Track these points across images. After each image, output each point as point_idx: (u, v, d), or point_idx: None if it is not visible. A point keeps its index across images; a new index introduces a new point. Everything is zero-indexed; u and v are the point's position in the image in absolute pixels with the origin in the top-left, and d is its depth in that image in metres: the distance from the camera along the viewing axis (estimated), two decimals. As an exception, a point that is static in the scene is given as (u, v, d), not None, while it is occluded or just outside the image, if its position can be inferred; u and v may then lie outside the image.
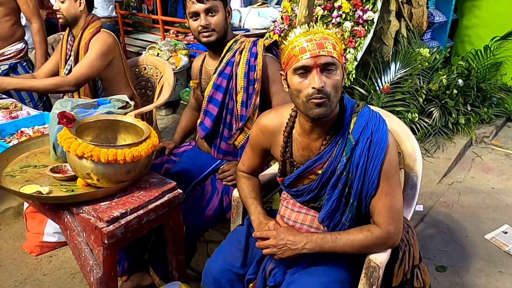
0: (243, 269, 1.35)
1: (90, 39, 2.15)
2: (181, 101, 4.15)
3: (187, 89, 4.13)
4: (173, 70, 2.73)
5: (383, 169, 1.14)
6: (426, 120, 3.25)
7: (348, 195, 1.19)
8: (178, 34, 4.82)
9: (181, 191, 1.45)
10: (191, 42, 4.50)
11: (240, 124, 1.65)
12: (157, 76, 2.73)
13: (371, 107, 1.32)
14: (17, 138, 1.68)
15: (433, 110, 3.32)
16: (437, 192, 2.75)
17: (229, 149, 1.76)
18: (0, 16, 2.44)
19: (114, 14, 4.33)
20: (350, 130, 1.16)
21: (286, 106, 1.32)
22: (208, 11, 1.60)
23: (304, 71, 1.08)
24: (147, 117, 2.57)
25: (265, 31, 4.67)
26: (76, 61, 2.20)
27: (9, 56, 2.55)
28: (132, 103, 1.62)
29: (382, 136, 1.14)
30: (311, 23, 1.10)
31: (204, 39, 1.64)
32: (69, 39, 2.28)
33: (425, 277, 1.29)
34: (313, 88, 1.06)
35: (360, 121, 1.16)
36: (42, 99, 2.66)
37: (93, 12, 2.27)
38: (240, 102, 1.64)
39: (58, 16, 2.16)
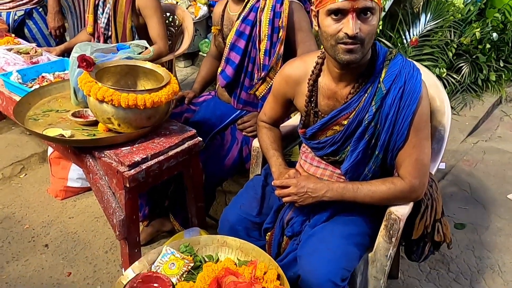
0: (259, 218, 1.36)
1: None
2: (200, 53, 4.06)
3: (206, 40, 4.03)
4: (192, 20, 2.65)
5: (414, 120, 1.09)
6: (454, 76, 3.11)
7: (374, 146, 1.16)
8: (197, -19, 4.63)
9: (201, 139, 1.45)
10: (210, -9, 4.33)
11: (262, 74, 1.60)
12: (176, 24, 2.66)
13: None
14: (38, 83, 1.68)
15: (463, 66, 3.17)
16: (461, 151, 2.68)
17: (250, 99, 1.73)
18: None
19: None
20: (381, 79, 1.10)
21: (311, 54, 1.26)
22: None
23: (339, 14, 1.01)
24: (167, 68, 2.53)
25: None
26: (115, 8, 2.08)
27: (24, 1, 2.50)
28: (151, 48, 1.58)
29: (415, 85, 1.08)
30: None
31: None
32: None
33: (446, 231, 1.28)
34: (346, 33, 1.00)
35: (393, 69, 1.10)
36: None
37: None
38: (263, 50, 1.58)
39: None
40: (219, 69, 1.75)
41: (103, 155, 1.29)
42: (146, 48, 1.59)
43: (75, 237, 1.97)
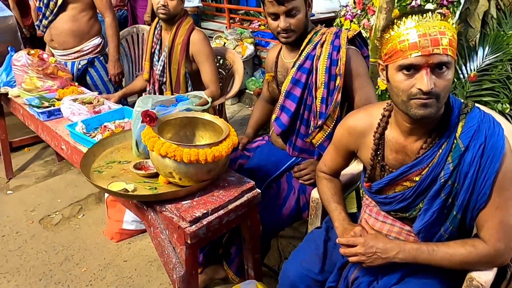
0: (321, 275, 1.29)
1: (188, 37, 2.14)
2: (247, 90, 4.13)
3: (253, 78, 4.10)
4: (239, 59, 2.70)
5: (497, 179, 1.00)
6: (518, 111, 2.91)
7: (451, 206, 1.07)
8: (243, 22, 4.79)
9: (259, 191, 1.42)
10: (256, 30, 4.44)
11: (319, 122, 1.57)
12: (226, 66, 2.72)
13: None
14: (100, 133, 1.75)
15: (527, 100, 2.96)
16: (532, 193, 2.46)
17: (305, 147, 1.69)
18: (77, 12, 2.54)
19: (198, 3, 4.49)
20: (457, 134, 1.03)
21: (376, 105, 1.22)
22: (288, 13, 1.52)
23: (411, 69, 0.96)
24: (218, 109, 2.58)
25: (332, 15, 4.47)
26: (170, 56, 2.19)
27: (87, 51, 2.67)
28: (209, 99, 1.60)
29: (498, 142, 1.00)
30: (427, 13, 0.95)
31: (283, 40, 1.59)
32: (155, 32, 2.26)
33: (535, 299, 1.14)
34: (419, 89, 0.95)
35: (471, 124, 1.02)
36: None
37: None
38: (320, 98, 1.56)
39: (161, 11, 2.08)
40: (273, 116, 1.74)
41: (164, 209, 1.29)
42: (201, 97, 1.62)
43: (130, 282, 1.98)
